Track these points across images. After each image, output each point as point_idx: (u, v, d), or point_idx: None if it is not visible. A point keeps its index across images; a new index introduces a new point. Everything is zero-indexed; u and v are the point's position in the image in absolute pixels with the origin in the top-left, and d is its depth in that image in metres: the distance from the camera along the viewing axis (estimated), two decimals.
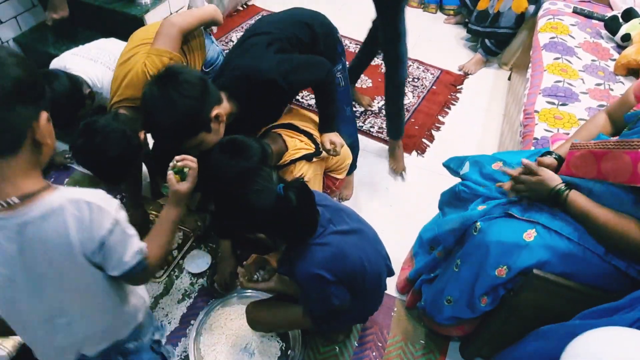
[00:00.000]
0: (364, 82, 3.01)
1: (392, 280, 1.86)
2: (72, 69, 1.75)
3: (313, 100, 2.80)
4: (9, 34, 2.41)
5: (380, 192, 2.32)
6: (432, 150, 2.56)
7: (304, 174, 1.62)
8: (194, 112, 1.35)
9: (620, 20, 2.37)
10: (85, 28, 2.47)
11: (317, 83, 1.65)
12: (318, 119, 1.76)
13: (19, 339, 1.32)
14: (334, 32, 1.83)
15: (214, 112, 1.42)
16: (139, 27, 1.82)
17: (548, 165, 1.28)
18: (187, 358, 1.64)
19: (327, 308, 1.38)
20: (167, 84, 1.33)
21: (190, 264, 1.90)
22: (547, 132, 1.83)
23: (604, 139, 1.19)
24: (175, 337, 1.72)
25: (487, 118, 2.76)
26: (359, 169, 2.25)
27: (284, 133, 1.67)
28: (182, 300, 1.82)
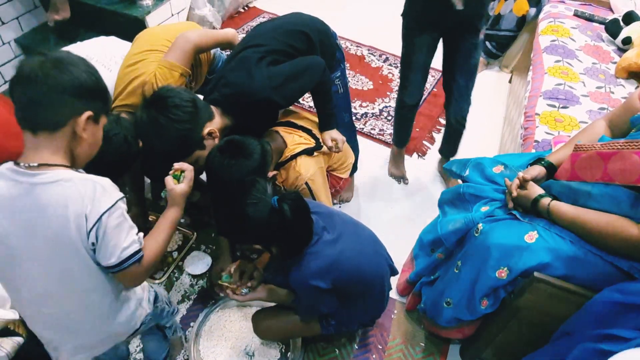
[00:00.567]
0: (365, 83, 3.01)
1: (392, 283, 1.86)
2: None
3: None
4: (11, 35, 2.42)
5: (381, 194, 2.32)
6: (433, 153, 2.56)
7: (307, 170, 1.61)
8: (185, 135, 1.38)
9: (621, 24, 2.38)
10: (87, 29, 2.47)
11: (312, 87, 1.63)
12: (317, 119, 1.75)
13: (18, 340, 1.32)
14: (332, 38, 1.80)
15: (206, 130, 1.43)
16: (141, 28, 1.82)
17: (533, 177, 1.30)
18: None
19: (314, 314, 1.46)
20: (156, 110, 1.34)
21: (190, 266, 1.90)
22: (548, 134, 1.83)
23: (610, 141, 1.19)
24: None
25: (488, 121, 2.76)
26: (360, 171, 2.25)
27: (282, 130, 1.67)
28: (181, 302, 1.82)
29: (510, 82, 3.01)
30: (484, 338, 1.50)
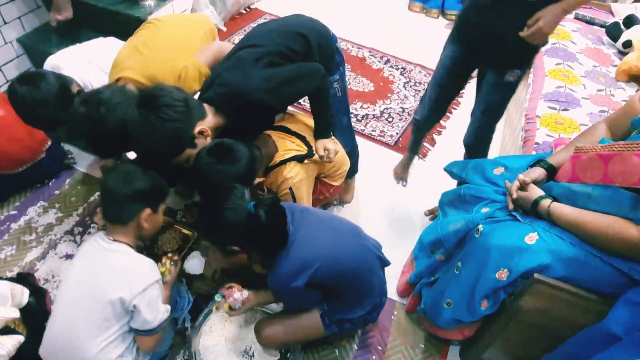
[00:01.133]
0: (366, 85, 3.02)
1: (392, 284, 1.87)
2: (64, 69, 1.74)
3: None
4: (13, 35, 2.42)
5: (381, 195, 2.32)
6: (433, 154, 2.57)
7: (294, 176, 1.61)
8: (174, 134, 1.38)
9: (622, 27, 2.39)
10: (89, 29, 2.48)
11: (309, 93, 1.61)
12: (313, 125, 1.74)
13: (19, 338, 1.32)
14: (332, 41, 1.77)
15: (197, 128, 1.43)
16: None
17: (533, 179, 1.31)
18: None
19: (299, 309, 1.53)
20: (147, 109, 1.36)
21: (190, 266, 1.89)
22: (548, 137, 1.83)
23: (611, 143, 1.19)
24: None
25: None
26: (360, 173, 2.25)
27: (275, 134, 1.67)
28: None
29: None
30: (484, 339, 1.50)
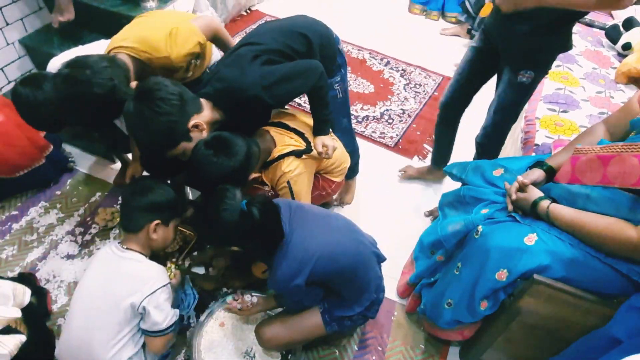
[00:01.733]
0: (366, 87, 3.02)
1: (392, 285, 1.87)
2: None
3: None
4: (15, 36, 2.43)
5: (381, 196, 2.33)
6: None
7: (292, 170, 1.62)
8: (169, 127, 1.40)
9: (621, 29, 2.40)
10: (91, 31, 2.49)
11: (307, 90, 1.62)
12: (312, 122, 1.75)
13: (20, 338, 1.32)
14: (334, 43, 1.78)
15: (192, 122, 1.45)
16: None
17: (533, 181, 1.32)
18: None
19: (300, 308, 1.54)
20: (142, 102, 1.38)
21: (192, 267, 1.90)
22: (548, 138, 1.84)
23: (610, 144, 1.20)
24: None
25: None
26: (361, 174, 2.26)
27: (273, 130, 1.68)
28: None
29: None
30: (484, 340, 1.51)
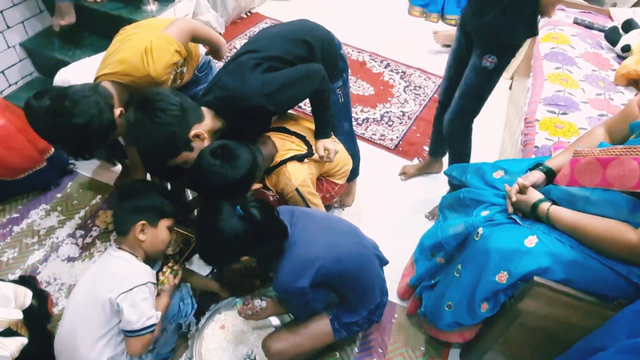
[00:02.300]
0: (366, 89, 3.03)
1: (393, 287, 1.87)
2: (74, 83, 1.73)
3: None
4: (16, 39, 2.44)
5: (381, 198, 2.33)
6: None
7: (297, 176, 1.61)
8: (168, 138, 1.40)
9: (621, 31, 2.40)
10: (91, 34, 2.50)
11: (309, 95, 1.62)
12: (314, 125, 1.75)
13: (22, 340, 1.32)
14: (336, 48, 1.78)
15: (193, 131, 1.45)
16: None
17: (532, 183, 1.32)
18: None
19: (309, 312, 1.52)
20: (142, 113, 1.38)
21: (193, 268, 1.90)
22: (547, 140, 1.84)
23: (609, 147, 1.20)
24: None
25: (488, 126, 2.78)
26: (361, 177, 2.26)
27: (274, 135, 1.68)
28: None
29: (511, 88, 3.03)
30: (485, 342, 1.51)
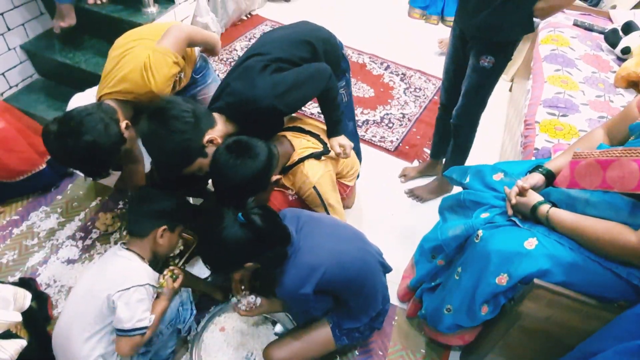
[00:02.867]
0: (366, 91, 3.03)
1: (393, 289, 1.87)
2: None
3: (316, 109, 2.83)
4: (17, 41, 2.44)
5: (382, 200, 2.33)
6: None
7: (315, 173, 1.62)
8: (183, 146, 1.40)
9: (620, 33, 2.40)
10: (92, 36, 2.50)
11: (317, 94, 1.63)
12: (325, 125, 1.77)
13: (21, 343, 1.32)
14: (337, 49, 1.80)
15: (207, 137, 1.45)
16: None
17: (532, 185, 1.32)
18: None
19: (308, 318, 1.54)
20: (156, 122, 1.38)
21: (193, 271, 1.90)
22: (547, 142, 1.84)
23: (609, 148, 1.20)
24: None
25: (488, 128, 2.78)
26: (361, 178, 2.26)
27: (289, 134, 1.68)
28: None
29: (511, 90, 3.03)
30: (485, 345, 1.51)
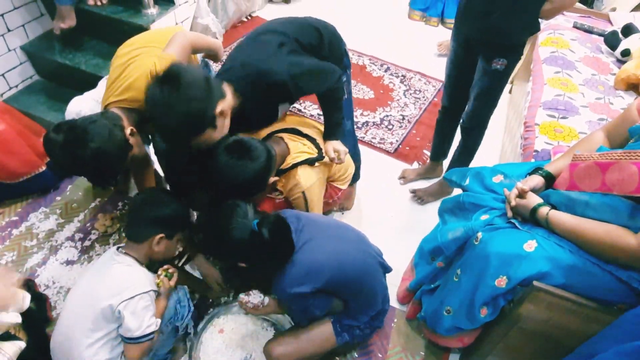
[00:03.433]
0: (366, 93, 3.03)
1: (392, 291, 1.87)
2: (84, 113, 1.71)
3: (315, 111, 2.83)
4: (17, 42, 2.44)
5: (381, 202, 2.33)
6: None
7: (307, 179, 1.61)
8: (198, 113, 1.34)
9: (620, 36, 2.40)
10: (92, 37, 2.51)
11: (324, 89, 1.62)
12: (323, 127, 1.76)
13: (20, 344, 1.32)
14: (341, 44, 1.81)
15: (218, 108, 1.39)
16: None
17: (532, 187, 1.32)
18: None
19: (309, 317, 1.52)
20: (169, 89, 1.30)
21: (187, 268, 1.90)
22: (547, 144, 1.84)
23: (608, 151, 1.20)
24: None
25: (488, 130, 2.77)
26: (361, 180, 2.26)
27: (287, 137, 1.68)
28: None
29: (510, 92, 3.03)
30: (484, 347, 1.50)
